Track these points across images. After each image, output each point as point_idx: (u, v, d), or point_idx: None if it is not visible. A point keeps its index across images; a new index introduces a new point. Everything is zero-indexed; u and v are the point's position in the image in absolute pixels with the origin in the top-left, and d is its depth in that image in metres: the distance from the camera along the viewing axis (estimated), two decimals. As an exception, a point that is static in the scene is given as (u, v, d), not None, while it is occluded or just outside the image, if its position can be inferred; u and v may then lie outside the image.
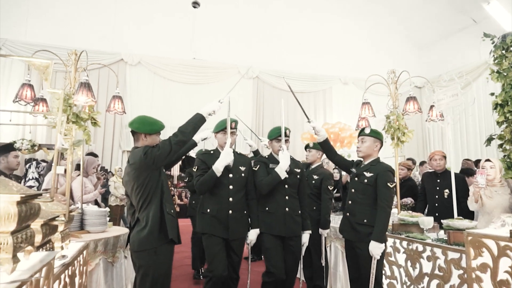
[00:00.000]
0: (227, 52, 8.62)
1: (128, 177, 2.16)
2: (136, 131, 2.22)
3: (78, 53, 3.00)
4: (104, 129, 7.56)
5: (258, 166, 2.73)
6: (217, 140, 2.66)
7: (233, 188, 2.55)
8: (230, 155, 2.47)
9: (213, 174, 2.44)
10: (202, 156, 2.62)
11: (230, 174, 2.55)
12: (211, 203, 2.53)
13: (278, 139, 2.74)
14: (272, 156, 2.81)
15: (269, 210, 2.66)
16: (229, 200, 2.52)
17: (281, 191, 2.68)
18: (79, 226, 2.90)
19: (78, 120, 2.88)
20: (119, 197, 6.72)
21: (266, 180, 2.62)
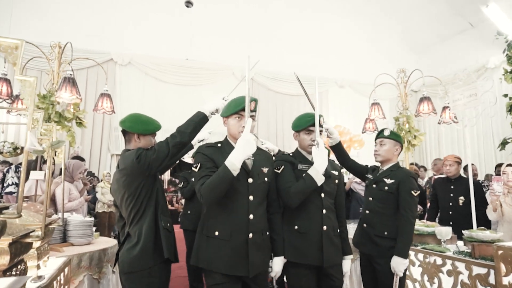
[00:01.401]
0: (221, 53, 8.36)
1: (117, 184, 1.86)
2: (128, 131, 1.94)
3: (62, 45, 2.72)
4: (91, 131, 7.20)
5: (282, 167, 1.99)
6: (228, 127, 1.84)
7: (254, 200, 1.73)
8: (251, 144, 1.62)
9: (227, 174, 1.59)
10: (207, 150, 1.77)
11: (249, 178, 1.74)
12: (222, 222, 1.71)
13: (309, 129, 2.02)
14: (300, 154, 2.08)
15: (300, 229, 1.94)
16: (249, 217, 1.70)
17: (316, 202, 1.96)
18: (61, 238, 2.60)
19: (61, 119, 2.60)
20: (106, 203, 6.39)
21: (296, 187, 1.88)
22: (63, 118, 2.63)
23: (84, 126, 2.69)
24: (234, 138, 1.81)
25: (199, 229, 1.79)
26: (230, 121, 1.82)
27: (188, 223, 3.64)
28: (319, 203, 1.97)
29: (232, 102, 1.82)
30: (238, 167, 1.60)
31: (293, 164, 2.02)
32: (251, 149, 1.61)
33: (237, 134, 1.75)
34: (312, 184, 1.86)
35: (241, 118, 1.77)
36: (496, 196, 2.70)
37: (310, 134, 2.02)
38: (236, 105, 1.79)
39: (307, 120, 2.04)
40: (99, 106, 2.81)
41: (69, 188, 3.52)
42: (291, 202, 1.89)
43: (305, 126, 2.04)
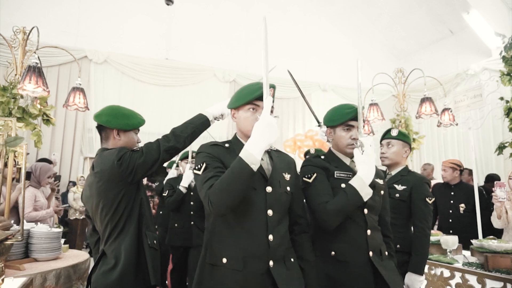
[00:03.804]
0: (202, 53, 8.09)
1: (90, 190, 1.54)
2: (105, 127, 1.63)
3: (27, 31, 2.38)
4: (62, 131, 6.71)
5: (314, 175, 1.53)
6: (238, 122, 1.42)
7: (273, 216, 1.30)
8: (273, 128, 1.19)
9: (244, 169, 1.17)
10: (212, 149, 1.36)
11: (268, 186, 1.32)
12: (232, 245, 1.29)
13: (348, 124, 1.57)
14: (335, 157, 1.63)
15: (339, 256, 1.49)
16: (268, 239, 1.27)
17: (357, 220, 1.51)
18: (22, 253, 2.24)
19: (25, 116, 2.25)
20: (78, 210, 5.95)
21: (336, 203, 1.44)
22: (28, 114, 2.28)
23: (52, 123, 2.35)
24: (246, 136, 1.36)
25: (202, 254, 1.34)
26: (242, 114, 1.36)
27: (176, 238, 3.26)
28: (362, 221, 1.52)
29: (244, 90, 1.39)
30: (258, 159, 1.15)
31: (327, 171, 1.55)
32: (273, 134, 1.17)
33: (250, 130, 1.27)
34: (356, 199, 1.43)
35: (257, 110, 1.34)
36: (500, 202, 2.56)
37: (350, 131, 1.57)
38: (250, 92, 1.35)
39: (347, 112, 1.57)
40: (70, 102, 2.47)
41: (34, 195, 3.13)
42: (329, 222, 1.44)
43: (344, 120, 1.57)
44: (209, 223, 1.35)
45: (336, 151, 1.65)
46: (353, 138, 1.56)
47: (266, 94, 1.21)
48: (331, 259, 1.50)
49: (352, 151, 1.54)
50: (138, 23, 7.54)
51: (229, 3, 8.17)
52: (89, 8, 7.25)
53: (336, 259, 1.49)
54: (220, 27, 8.10)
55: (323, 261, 1.50)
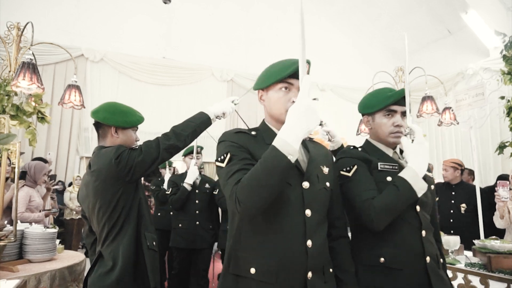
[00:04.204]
0: (200, 53, 8.05)
1: (87, 190, 1.50)
2: (103, 124, 1.58)
3: (21, 27, 2.33)
4: (58, 131, 6.63)
5: (354, 168, 1.34)
6: (267, 105, 1.21)
7: (312, 216, 1.10)
8: (314, 112, 0.99)
9: (280, 159, 0.96)
10: (236, 137, 1.15)
11: (304, 181, 1.11)
12: (262, 253, 1.08)
13: (390, 109, 1.36)
14: (375, 147, 1.43)
15: (390, 263, 1.27)
16: (307, 245, 1.07)
17: (410, 220, 1.29)
18: (16, 254, 2.19)
19: (19, 113, 2.20)
20: (74, 209, 5.88)
21: (384, 199, 1.23)
22: (22, 112, 2.23)
23: (47, 121, 2.30)
24: (277, 121, 1.17)
25: (225, 264, 1.14)
26: (272, 94, 1.16)
27: (180, 239, 3.06)
28: (415, 221, 1.29)
29: (274, 66, 1.19)
30: (295, 148, 0.94)
31: (369, 163, 1.34)
32: (313, 120, 0.95)
33: (283, 113, 1.11)
34: (410, 194, 1.21)
35: (290, 89, 1.13)
36: (503, 202, 2.53)
37: (393, 117, 1.35)
38: (282, 69, 1.14)
39: (388, 95, 1.35)
40: (66, 99, 2.42)
41: (29, 195, 3.07)
42: (377, 222, 1.21)
43: (385, 104, 1.34)
44: (234, 226, 1.13)
45: (375, 141, 1.44)
46: (397, 125, 1.35)
47: (303, 71, 1.00)
48: (380, 267, 1.26)
49: (396, 140, 1.35)
50: (136, 22, 7.49)
51: (229, 3, 8.13)
52: (86, 6, 7.18)
53: (386, 267, 1.25)
54: (220, 27, 8.06)
55: (368, 270, 1.25)
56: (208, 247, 3.09)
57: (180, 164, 8.37)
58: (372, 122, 1.44)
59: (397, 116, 1.36)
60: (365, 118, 1.48)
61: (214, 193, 3.13)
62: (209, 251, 3.12)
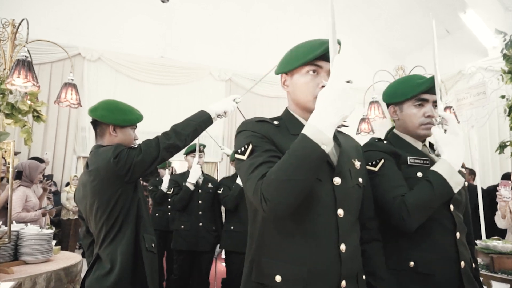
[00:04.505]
0: (198, 52, 8.01)
1: (84, 190, 1.46)
2: (101, 122, 1.54)
3: (16, 24, 2.29)
4: (55, 130, 6.58)
5: (381, 162, 1.21)
6: (291, 90, 1.09)
7: (345, 217, 0.97)
8: (349, 96, 0.87)
9: (313, 149, 0.84)
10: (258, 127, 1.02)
11: (335, 177, 0.98)
12: (289, 259, 0.95)
13: (421, 98, 1.25)
14: (402, 140, 1.31)
15: (421, 267, 1.15)
16: (340, 249, 0.95)
17: (442, 220, 1.18)
18: (11, 255, 2.15)
19: (14, 112, 2.16)
20: (71, 210, 5.83)
21: (416, 196, 1.11)
22: (17, 110, 2.19)
23: (43, 120, 2.26)
24: (303, 109, 1.04)
25: (246, 271, 1.01)
26: (298, 79, 1.03)
27: (182, 241, 2.95)
28: (449, 221, 1.17)
29: (300, 47, 1.07)
30: (329, 137, 0.83)
31: (397, 157, 1.22)
32: (349, 105, 0.84)
33: (311, 100, 0.99)
34: (445, 191, 1.08)
35: (319, 73, 1.00)
36: (504, 202, 2.51)
37: (423, 107, 1.23)
38: (309, 49, 1.01)
39: (418, 83, 1.23)
40: (62, 98, 2.38)
41: (26, 195, 3.03)
42: (409, 222, 1.09)
43: (415, 93, 1.22)
44: (256, 227, 1.01)
45: (402, 133, 1.31)
46: (428, 115, 1.23)
47: (334, 50, 0.89)
48: (409, 271, 1.15)
49: (427, 133, 1.23)
50: (134, 21, 7.44)
51: (229, 3, 8.10)
52: (83, 5, 7.13)
53: (417, 272, 1.14)
54: (219, 27, 8.02)
55: (396, 274, 1.14)
56: (210, 249, 3.00)
57: (178, 164, 8.34)
58: (400, 113, 1.30)
59: (428, 106, 1.24)
60: (391, 108, 1.34)
61: (219, 192, 3.03)
62: (211, 254, 3.03)
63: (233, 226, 2.92)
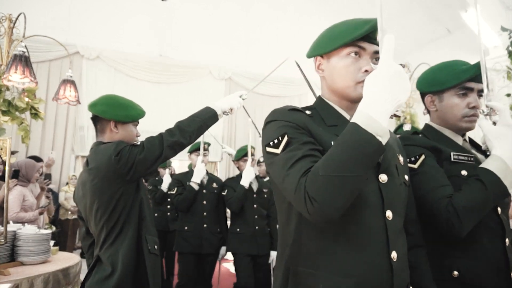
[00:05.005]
0: (198, 51, 7.96)
1: (84, 189, 1.41)
2: (101, 117, 1.48)
3: (13, 18, 2.23)
4: (53, 129, 6.52)
5: (421, 159, 1.09)
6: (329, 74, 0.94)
7: (393, 219, 0.85)
8: (403, 79, 0.74)
9: (369, 142, 0.72)
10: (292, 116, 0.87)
11: (381, 174, 0.86)
12: (330, 268, 0.81)
13: (466, 87, 1.13)
14: (441, 135, 1.19)
15: (465, 277, 1.04)
16: (391, 257, 0.82)
17: (491, 224, 1.06)
18: (8, 256, 2.09)
19: (11, 109, 2.10)
20: (70, 209, 5.77)
21: (468, 197, 0.99)
22: (14, 107, 2.13)
23: (40, 118, 2.20)
24: (341, 97, 0.92)
25: (280, 281, 0.88)
26: (336, 62, 0.90)
27: (185, 244, 2.82)
28: (497, 226, 1.06)
29: (339, 26, 0.93)
30: (384, 127, 0.72)
31: (438, 153, 1.10)
32: (405, 89, 0.73)
33: (352, 86, 0.88)
34: (499, 191, 0.96)
35: (361, 55, 0.88)
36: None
37: (467, 97, 1.11)
38: (352, 28, 0.88)
39: (463, 69, 1.12)
40: (60, 95, 2.32)
41: (23, 194, 2.97)
42: (460, 227, 0.97)
43: (459, 80, 1.11)
44: (289, 232, 0.87)
45: (440, 126, 1.18)
46: (473, 106, 1.10)
47: (381, 29, 0.78)
48: (452, 281, 1.04)
49: (470, 126, 1.12)
50: (134, 20, 7.37)
51: (229, 3, 8.05)
52: (81, 2, 7.06)
53: (461, 282, 1.03)
54: (219, 26, 7.97)
55: (437, 285, 1.00)
56: (214, 252, 2.91)
57: (177, 163, 8.28)
58: (439, 103, 1.16)
59: (472, 96, 1.11)
60: (428, 98, 1.20)
61: (223, 193, 2.95)
62: (215, 257, 2.94)
63: (239, 228, 2.86)
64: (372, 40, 0.87)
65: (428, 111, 1.25)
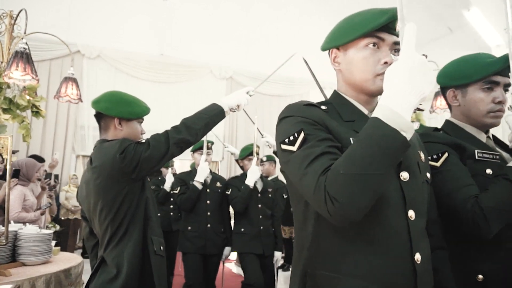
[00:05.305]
0: (199, 50, 7.92)
1: (88, 188, 1.37)
2: (105, 114, 1.44)
3: (14, 15, 2.20)
4: (54, 128, 6.49)
5: (444, 156, 1.05)
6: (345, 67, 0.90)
7: (416, 220, 0.81)
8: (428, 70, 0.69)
9: (393, 138, 0.67)
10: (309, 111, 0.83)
11: (402, 171, 0.82)
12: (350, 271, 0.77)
13: (491, 81, 1.08)
14: (464, 132, 1.15)
15: (491, 281, 1.00)
16: (415, 260, 0.78)
17: None
18: (9, 256, 2.05)
19: (11, 107, 2.07)
20: (70, 209, 5.73)
21: (496, 197, 0.95)
22: (15, 105, 2.10)
23: (42, 116, 2.17)
24: (359, 91, 0.88)
25: (297, 286, 0.83)
26: (354, 54, 0.86)
27: (188, 244, 2.76)
28: None
29: (356, 17, 0.89)
30: (408, 121, 0.68)
31: (462, 151, 1.05)
32: (430, 81, 0.68)
33: (370, 79, 0.83)
34: None
35: (381, 47, 0.83)
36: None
37: (493, 91, 1.06)
38: (370, 18, 0.84)
39: (488, 62, 1.07)
40: (62, 93, 2.28)
41: (23, 194, 2.94)
42: (487, 229, 0.93)
43: (485, 74, 1.06)
44: (307, 233, 0.83)
45: (462, 122, 1.13)
46: (499, 101, 1.06)
47: (402, 18, 0.73)
48: (477, 286, 0.99)
49: (495, 122, 1.07)
50: (134, 19, 7.34)
51: (229, 3, 8.02)
52: (81, 1, 7.02)
53: (486, 287, 0.98)
54: (220, 26, 7.94)
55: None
56: (218, 252, 2.86)
57: (178, 163, 8.25)
58: (462, 98, 1.10)
59: (498, 90, 1.06)
60: (450, 92, 1.14)
61: (227, 192, 2.91)
62: (218, 257, 2.89)
63: (243, 228, 2.82)
64: (391, 30, 0.83)
65: (450, 106, 1.20)
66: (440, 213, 1.00)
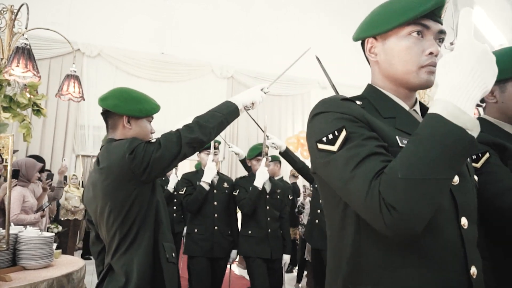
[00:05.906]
0: (200, 49, 7.85)
1: (95, 190, 1.28)
2: (113, 112, 1.36)
3: (14, 10, 2.12)
4: (53, 128, 6.41)
5: (485, 156, 0.96)
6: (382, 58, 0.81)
7: (469, 228, 0.73)
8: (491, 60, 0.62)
9: (459, 137, 0.58)
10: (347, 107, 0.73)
11: None
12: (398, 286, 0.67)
13: None
14: (501, 130, 1.08)
15: None
16: (470, 274, 0.69)
17: None
18: (9, 260, 1.98)
19: (12, 105, 1.99)
20: (70, 210, 5.65)
21: None
22: (15, 103, 2.02)
23: (43, 114, 2.09)
24: (399, 84, 0.79)
25: None
26: (395, 43, 0.77)
27: (195, 247, 2.65)
28: None
29: (396, 3, 0.77)
30: (473, 118, 0.59)
31: (502, 150, 0.98)
32: (493, 72, 0.61)
33: (414, 71, 0.75)
34: None
35: (425, 35, 0.75)
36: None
37: None
38: (412, 4, 0.74)
39: None
40: (63, 91, 2.21)
41: (23, 195, 2.86)
42: None
43: None
44: (346, 243, 0.73)
45: (499, 120, 1.05)
46: None
47: (454, 2, 0.67)
48: None
49: None
50: (135, 18, 7.27)
51: (229, 3, 7.95)
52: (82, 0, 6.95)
53: None
54: (220, 26, 7.87)
55: None
56: (225, 256, 2.76)
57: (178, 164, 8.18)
58: (501, 94, 1.03)
59: None
60: (494, 87, 1.06)
61: (234, 193, 2.82)
62: (225, 261, 2.80)
63: (251, 230, 2.73)
64: (436, 17, 0.75)
65: (485, 102, 1.12)
66: (481, 219, 0.87)
